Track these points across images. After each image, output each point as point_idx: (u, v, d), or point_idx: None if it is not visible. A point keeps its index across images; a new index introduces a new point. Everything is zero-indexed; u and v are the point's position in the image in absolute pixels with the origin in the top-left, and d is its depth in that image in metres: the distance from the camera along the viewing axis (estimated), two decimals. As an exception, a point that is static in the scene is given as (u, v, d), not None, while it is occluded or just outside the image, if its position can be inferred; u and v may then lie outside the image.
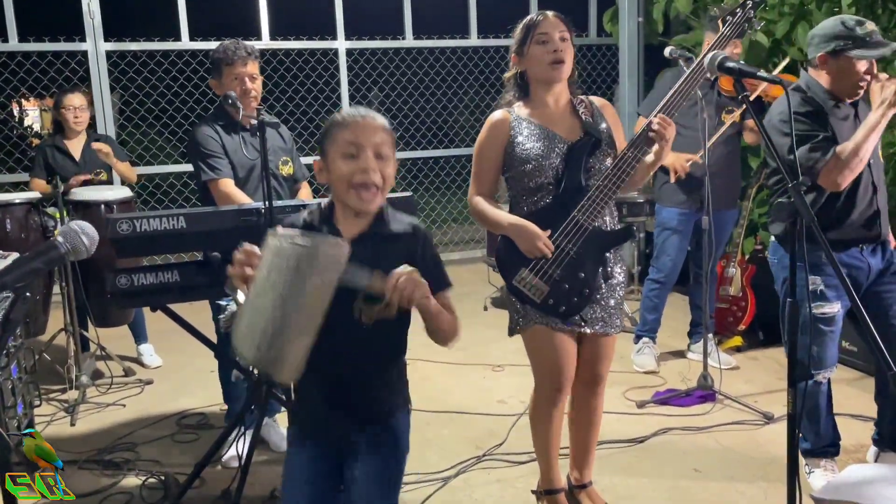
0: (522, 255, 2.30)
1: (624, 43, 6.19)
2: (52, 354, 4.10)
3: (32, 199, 3.82)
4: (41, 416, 3.55)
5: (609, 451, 3.08)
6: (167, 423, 3.54)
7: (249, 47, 3.00)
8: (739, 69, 1.76)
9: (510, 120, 2.35)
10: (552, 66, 2.30)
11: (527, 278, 2.30)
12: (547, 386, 2.43)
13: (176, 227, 2.33)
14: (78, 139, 4.21)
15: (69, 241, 1.24)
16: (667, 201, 3.97)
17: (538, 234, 2.26)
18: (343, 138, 1.58)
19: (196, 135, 2.95)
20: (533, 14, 2.36)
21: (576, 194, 2.30)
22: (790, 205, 1.62)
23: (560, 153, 2.32)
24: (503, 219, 2.34)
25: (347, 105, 6.10)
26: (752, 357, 4.14)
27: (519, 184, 2.37)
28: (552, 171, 2.31)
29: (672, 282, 4.07)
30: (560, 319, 2.35)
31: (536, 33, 2.30)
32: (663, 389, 3.69)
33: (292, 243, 1.36)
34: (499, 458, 3.04)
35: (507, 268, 2.34)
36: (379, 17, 6.43)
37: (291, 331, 1.37)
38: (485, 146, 2.39)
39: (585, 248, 2.30)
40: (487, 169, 2.39)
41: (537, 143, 2.32)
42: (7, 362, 2.61)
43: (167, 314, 2.62)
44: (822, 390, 2.74)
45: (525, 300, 2.33)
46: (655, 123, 2.25)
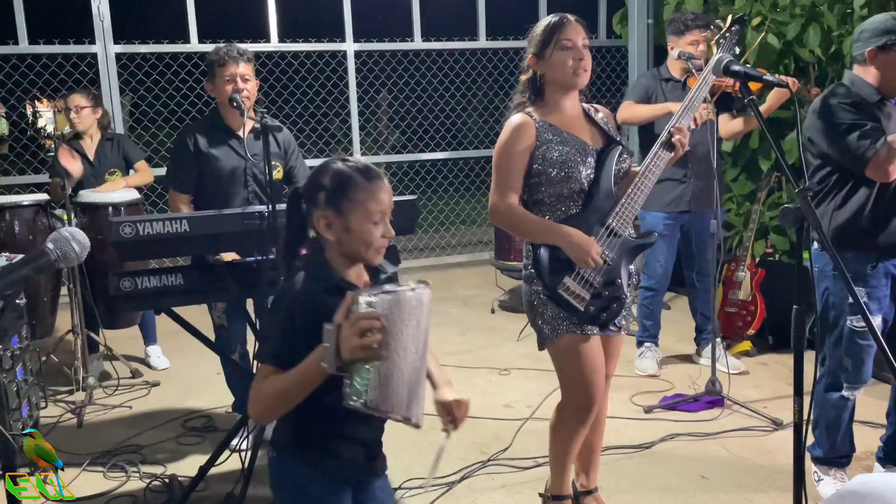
0: (565, 263, 2.25)
1: (633, 45, 6.16)
2: (60, 356, 4.12)
3: (41, 201, 3.84)
4: (48, 416, 3.56)
5: (615, 457, 3.05)
6: (173, 425, 3.54)
7: (241, 49, 3.02)
8: (745, 73, 1.73)
9: (534, 124, 2.30)
10: (576, 74, 2.27)
11: (571, 286, 2.26)
12: (578, 403, 2.36)
13: (179, 231, 2.32)
14: (92, 140, 4.24)
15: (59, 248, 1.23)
16: (651, 206, 3.89)
17: (593, 243, 2.23)
18: (371, 205, 1.58)
19: (176, 140, 3.09)
20: (555, 17, 2.30)
21: (606, 202, 2.29)
22: (796, 210, 1.59)
23: (590, 160, 2.30)
24: (552, 227, 2.26)
25: (356, 107, 6.10)
26: (762, 362, 4.10)
27: (547, 189, 2.30)
28: (585, 178, 2.28)
29: (664, 287, 4.05)
30: (599, 327, 2.33)
31: (561, 38, 2.25)
32: (671, 394, 3.66)
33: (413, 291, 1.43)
34: (504, 464, 3.02)
35: (550, 276, 2.27)
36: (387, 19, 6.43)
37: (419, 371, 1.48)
38: (510, 150, 2.30)
39: (619, 255, 2.31)
40: (514, 174, 2.30)
41: (566, 149, 2.28)
42: (12, 364, 2.61)
43: (171, 317, 2.62)
44: (848, 405, 2.69)
45: (569, 308, 2.28)
46: (676, 132, 2.28)
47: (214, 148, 3.01)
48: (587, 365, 2.31)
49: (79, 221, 3.73)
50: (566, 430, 2.43)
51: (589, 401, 2.34)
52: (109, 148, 4.25)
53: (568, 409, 2.40)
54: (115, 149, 4.26)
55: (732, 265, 4.29)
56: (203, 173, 3.05)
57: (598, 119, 2.39)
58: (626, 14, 6.15)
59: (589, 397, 2.33)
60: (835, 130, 2.48)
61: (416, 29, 6.20)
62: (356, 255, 1.61)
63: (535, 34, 2.33)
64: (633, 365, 4.03)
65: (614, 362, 2.51)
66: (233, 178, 3.04)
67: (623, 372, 3.96)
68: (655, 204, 3.88)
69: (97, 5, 5.28)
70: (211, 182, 3.05)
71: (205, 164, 3.02)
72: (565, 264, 2.25)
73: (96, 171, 4.15)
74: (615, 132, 2.41)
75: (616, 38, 6.51)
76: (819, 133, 2.55)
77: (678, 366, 4.12)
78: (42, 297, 3.83)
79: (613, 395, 3.65)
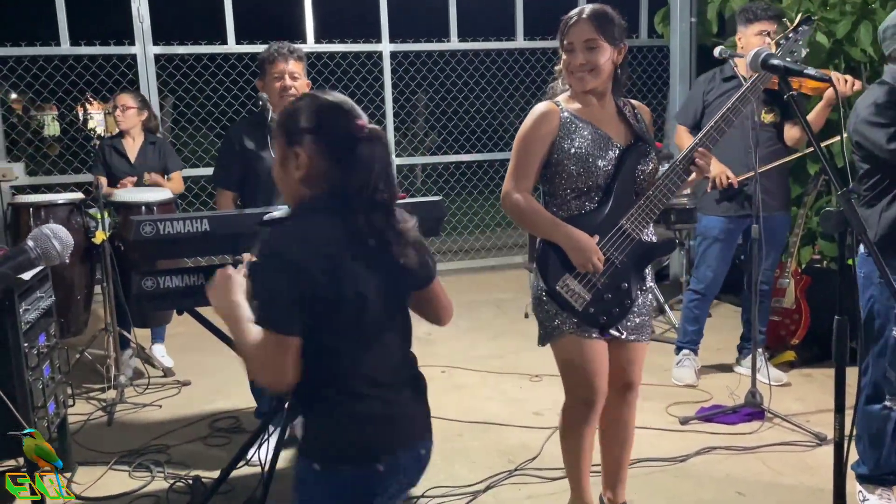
0: (567, 260, 2.19)
1: (675, 44, 6.01)
2: (94, 353, 4.16)
3: (75, 200, 3.87)
4: (80, 414, 3.59)
5: (648, 470, 2.94)
6: (200, 425, 3.53)
7: (292, 47, 3.03)
8: (785, 67, 1.62)
9: (559, 114, 2.23)
10: (577, 78, 2.20)
11: (570, 284, 2.20)
12: (578, 400, 2.31)
13: (199, 230, 2.29)
14: (135, 141, 4.30)
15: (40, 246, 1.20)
16: (709, 209, 3.79)
17: (595, 248, 2.16)
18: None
19: (224, 139, 3.11)
20: (569, 15, 2.22)
21: (624, 202, 2.21)
22: (839, 213, 1.47)
23: (612, 157, 2.21)
24: (557, 226, 2.20)
25: (391, 108, 6.06)
26: (806, 374, 3.93)
27: (564, 182, 2.24)
28: (603, 175, 2.20)
29: (713, 293, 3.89)
30: (598, 330, 2.24)
31: (564, 41, 2.20)
32: (708, 405, 3.52)
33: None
34: (531, 474, 2.93)
35: (549, 272, 2.22)
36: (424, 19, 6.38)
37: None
38: (530, 138, 2.23)
39: (630, 258, 2.22)
40: (531, 163, 2.24)
41: (589, 144, 2.21)
42: (38, 363, 2.62)
43: (194, 317, 2.60)
44: (892, 416, 2.54)
45: (565, 306, 2.22)
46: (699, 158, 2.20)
47: (259, 146, 3.03)
48: (588, 363, 2.24)
49: (112, 220, 3.76)
50: (573, 429, 2.36)
51: (590, 398, 2.27)
52: (151, 151, 4.31)
53: (571, 409, 2.34)
54: (156, 153, 4.33)
55: (776, 272, 4.12)
56: (248, 171, 3.08)
57: (631, 116, 2.30)
58: (668, 13, 6.01)
59: (589, 393, 2.26)
60: (873, 130, 2.37)
61: (452, 29, 6.15)
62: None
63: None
64: (669, 375, 3.90)
65: (636, 369, 2.40)
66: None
67: (659, 381, 3.84)
68: (712, 207, 3.75)
69: (137, 7, 5.34)
70: (255, 180, 3.07)
71: (249, 162, 3.06)
72: (569, 262, 2.18)
73: (136, 172, 4.20)
74: (647, 131, 2.31)
75: (658, 38, 6.36)
76: (860, 135, 2.43)
77: (717, 375, 3.96)
78: (76, 294, 3.87)
79: (647, 405, 3.55)
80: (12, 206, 3.86)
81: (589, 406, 2.29)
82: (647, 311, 2.35)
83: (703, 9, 5.77)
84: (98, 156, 4.27)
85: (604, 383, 2.29)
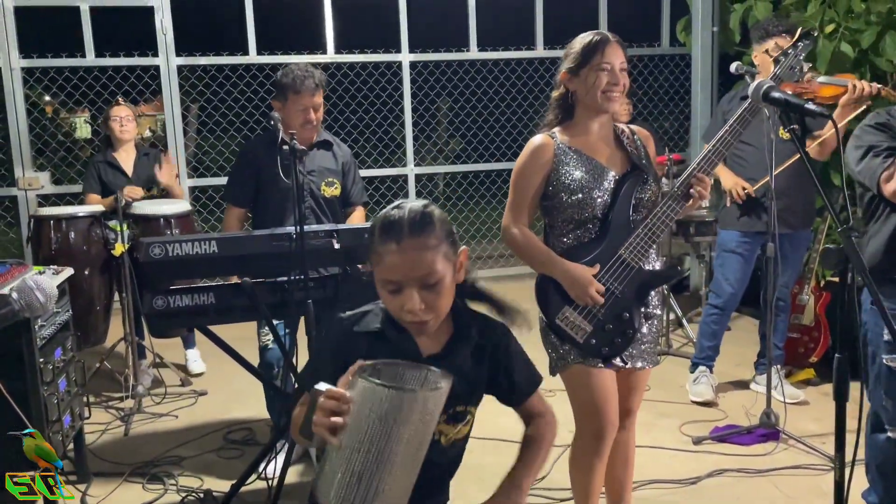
0: (566, 292, 2.18)
1: (697, 53, 5.95)
2: (112, 362, 4.23)
3: (95, 213, 3.94)
4: (98, 423, 3.65)
5: (657, 492, 2.91)
6: (215, 436, 3.57)
7: (318, 77, 3.02)
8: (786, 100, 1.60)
9: (553, 146, 2.23)
10: (608, 98, 2.18)
11: (570, 317, 2.19)
12: (588, 432, 2.28)
13: (208, 252, 2.33)
14: (127, 153, 4.33)
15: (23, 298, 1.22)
16: (728, 224, 3.74)
17: (592, 281, 2.15)
18: (382, 270, 1.36)
19: (237, 156, 3.14)
20: (596, 35, 2.21)
21: (622, 231, 2.20)
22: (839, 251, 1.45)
23: (608, 186, 2.20)
24: (553, 260, 2.19)
25: (410, 117, 6.08)
26: (825, 392, 3.86)
27: (561, 214, 2.24)
28: (600, 205, 2.19)
29: (731, 308, 3.84)
30: (601, 360, 2.23)
31: (601, 60, 2.17)
32: (723, 425, 3.47)
33: (386, 388, 1.18)
34: (540, 494, 2.91)
35: (549, 305, 2.21)
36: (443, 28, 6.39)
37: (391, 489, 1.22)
38: (526, 172, 2.25)
39: (630, 287, 2.20)
40: (527, 196, 2.25)
41: (584, 174, 2.20)
42: (53, 377, 2.67)
43: (204, 334, 2.64)
44: None
45: (566, 339, 2.21)
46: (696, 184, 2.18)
47: (271, 165, 3.01)
48: (596, 395, 2.22)
49: (131, 232, 3.81)
50: (583, 461, 2.34)
51: (600, 431, 2.24)
52: (146, 163, 4.32)
53: (581, 440, 2.32)
54: (151, 163, 4.31)
55: (795, 288, 4.05)
56: (261, 188, 3.11)
57: (629, 143, 2.28)
58: (690, 21, 5.95)
59: (600, 428, 2.24)
60: (852, 151, 2.39)
61: (472, 38, 6.15)
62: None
63: (573, 50, 2.24)
64: (686, 390, 3.85)
65: (638, 396, 2.39)
66: (289, 193, 3.04)
67: (674, 398, 3.80)
68: (731, 221, 3.71)
69: (160, 19, 5.43)
70: (268, 196, 3.10)
71: (263, 179, 3.08)
72: (567, 294, 2.17)
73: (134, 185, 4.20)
74: (648, 156, 2.29)
75: (679, 46, 6.29)
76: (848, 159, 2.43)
77: (734, 393, 3.91)
78: (96, 305, 3.93)
79: (662, 423, 3.52)
80: (34, 219, 3.93)
81: (600, 439, 2.26)
82: (652, 338, 2.32)
83: (725, 18, 5.71)
84: (90, 173, 4.27)
85: (614, 414, 2.26)
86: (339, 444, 1.19)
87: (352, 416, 1.19)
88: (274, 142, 3.06)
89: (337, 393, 1.20)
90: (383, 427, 1.18)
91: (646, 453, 3.13)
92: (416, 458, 1.25)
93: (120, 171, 4.28)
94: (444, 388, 1.24)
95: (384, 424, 1.18)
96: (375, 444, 1.18)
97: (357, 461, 1.19)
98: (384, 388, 1.18)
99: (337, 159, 3.20)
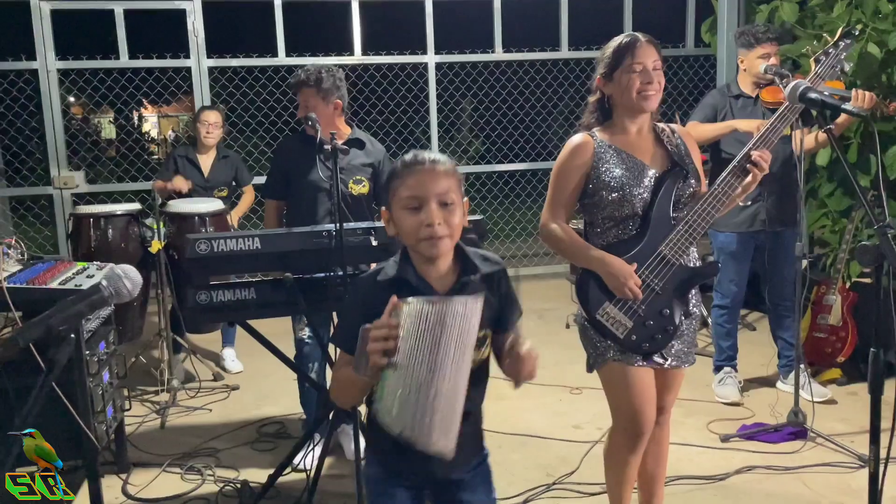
0: (606, 287, 2.22)
1: (723, 54, 5.94)
2: (148, 357, 4.33)
3: (133, 211, 4.04)
4: (135, 416, 3.74)
5: (686, 488, 2.95)
6: (249, 430, 3.65)
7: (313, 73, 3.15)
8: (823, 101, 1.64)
9: (593, 144, 2.27)
10: (644, 97, 2.21)
11: (610, 312, 2.22)
12: (625, 430, 2.32)
13: (251, 248, 2.41)
14: (208, 154, 4.51)
15: (112, 285, 1.30)
16: (723, 225, 3.75)
17: (631, 274, 2.18)
18: (402, 191, 1.52)
19: (274, 150, 3.23)
20: (626, 37, 2.25)
21: (662, 227, 2.23)
22: (875, 248, 1.49)
23: (648, 183, 2.24)
24: (592, 253, 2.23)
25: (435, 118, 6.15)
26: (852, 392, 3.87)
27: (601, 212, 2.28)
28: (640, 202, 2.23)
29: (738, 304, 3.89)
30: (641, 357, 2.27)
31: (632, 62, 2.20)
32: (750, 423, 3.50)
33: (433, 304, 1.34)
34: (569, 488, 2.96)
35: (590, 300, 2.24)
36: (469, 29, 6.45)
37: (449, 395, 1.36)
38: (565, 170, 2.29)
39: (671, 284, 2.24)
40: (566, 194, 2.29)
41: (624, 172, 2.24)
42: (98, 369, 2.76)
43: (245, 329, 2.71)
44: None
45: (607, 335, 2.25)
46: (756, 157, 2.19)
47: (304, 161, 3.11)
48: (634, 393, 2.25)
49: (167, 230, 3.91)
50: (618, 456, 2.38)
51: (637, 428, 2.28)
52: (223, 165, 4.51)
53: (617, 435, 2.36)
54: (227, 167, 4.52)
55: (822, 288, 4.07)
56: (293, 184, 3.21)
57: (669, 141, 2.32)
58: (715, 22, 5.95)
59: (637, 425, 2.28)
60: None
61: (497, 40, 6.20)
62: (414, 250, 1.56)
63: (605, 55, 2.28)
64: (711, 390, 3.88)
65: (673, 394, 2.42)
66: (319, 189, 3.13)
67: (701, 397, 3.82)
68: (727, 224, 3.74)
69: (192, 22, 5.53)
70: (300, 192, 3.19)
71: (295, 175, 3.18)
72: (607, 289, 2.21)
73: (207, 186, 4.38)
74: (687, 156, 2.32)
75: (705, 47, 6.30)
76: None
77: (761, 392, 3.93)
78: (133, 301, 4.02)
79: (689, 421, 3.56)
80: (74, 216, 4.04)
81: (636, 436, 2.30)
82: (691, 338, 2.35)
83: (750, 18, 5.70)
84: (169, 164, 4.45)
85: (651, 411, 2.30)
86: (395, 365, 1.35)
87: (402, 338, 1.35)
88: (307, 139, 3.14)
89: (384, 321, 1.36)
90: (431, 337, 1.34)
91: (674, 450, 3.13)
92: (464, 359, 1.38)
93: (198, 170, 4.43)
94: (476, 297, 1.38)
95: (432, 334, 1.34)
96: (426, 354, 1.34)
97: (413, 374, 1.35)
98: (427, 304, 1.35)
99: (369, 157, 3.26)
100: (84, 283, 2.62)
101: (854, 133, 4.30)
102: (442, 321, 1.34)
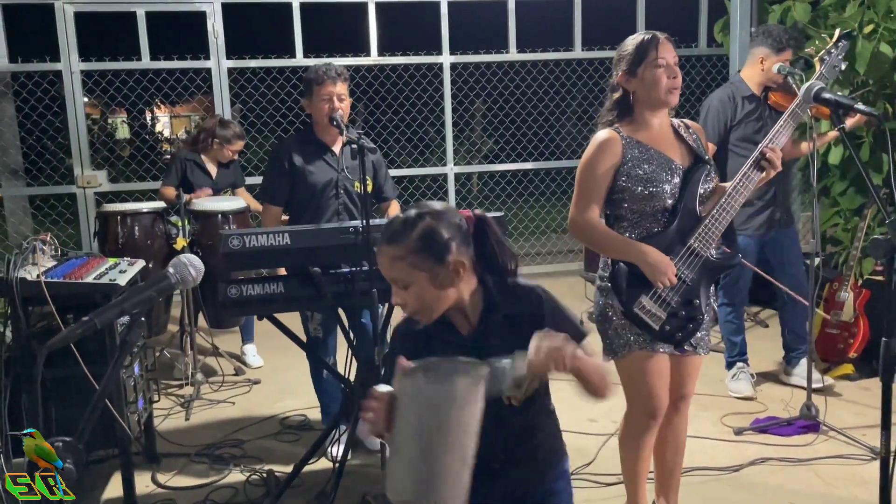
0: (642, 281, 2.28)
1: (735, 54, 5.98)
2: (172, 352, 4.43)
3: (158, 209, 4.14)
4: (160, 409, 3.84)
5: (701, 479, 3.02)
6: (272, 422, 3.74)
7: (339, 69, 3.15)
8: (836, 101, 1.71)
9: (620, 140, 2.32)
10: (669, 92, 2.28)
11: (647, 305, 2.30)
12: (641, 412, 2.41)
13: (281, 244, 2.49)
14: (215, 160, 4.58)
15: (178, 272, 1.39)
16: (741, 229, 3.78)
17: (670, 264, 2.26)
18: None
19: (271, 156, 3.26)
20: (647, 35, 2.32)
21: (690, 221, 2.31)
22: (887, 241, 1.55)
23: (676, 178, 2.31)
24: (629, 244, 2.30)
25: (450, 118, 6.22)
26: (865, 387, 3.92)
27: (631, 206, 2.33)
28: (669, 196, 2.30)
29: (744, 301, 3.99)
30: (674, 346, 2.35)
31: (656, 56, 2.26)
32: (763, 416, 3.56)
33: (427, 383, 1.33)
34: (586, 479, 3.04)
35: (626, 294, 2.30)
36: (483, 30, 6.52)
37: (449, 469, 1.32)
38: (594, 165, 2.32)
39: (699, 275, 2.32)
40: (596, 190, 2.32)
41: (652, 166, 2.30)
42: (130, 361, 2.85)
43: (272, 322, 2.80)
44: None
45: (643, 327, 2.32)
46: (769, 152, 2.26)
47: (308, 162, 3.16)
48: (653, 378, 2.35)
49: (191, 227, 4.01)
50: (633, 438, 2.47)
51: (652, 409, 2.38)
52: (229, 169, 4.59)
53: (632, 416, 2.45)
54: (232, 171, 4.61)
55: (835, 284, 4.12)
56: (296, 186, 3.19)
57: (688, 136, 2.39)
58: (727, 22, 6.00)
59: (654, 406, 2.38)
60: None
61: (511, 40, 6.27)
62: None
63: (627, 52, 2.33)
64: (725, 385, 3.94)
65: (693, 381, 2.50)
66: (325, 190, 3.20)
67: (714, 391, 3.89)
68: (745, 227, 3.81)
69: (212, 23, 5.63)
70: (304, 193, 3.20)
71: (299, 177, 3.17)
72: (643, 282, 2.28)
73: (216, 189, 4.47)
74: (704, 150, 2.40)
75: (717, 47, 6.35)
76: None
77: (773, 387, 3.99)
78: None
79: (703, 415, 3.62)
80: (101, 214, 4.15)
81: (651, 416, 2.40)
82: (708, 326, 2.44)
83: (763, 18, 5.75)
84: (174, 168, 4.49)
85: (665, 396, 2.40)
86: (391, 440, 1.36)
87: (398, 410, 1.35)
88: (307, 140, 3.21)
89: (380, 394, 1.38)
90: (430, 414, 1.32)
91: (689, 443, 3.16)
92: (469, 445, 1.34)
93: (206, 174, 4.50)
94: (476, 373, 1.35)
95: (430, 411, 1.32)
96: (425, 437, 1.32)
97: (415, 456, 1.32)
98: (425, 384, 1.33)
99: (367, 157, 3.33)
100: (117, 277, 2.70)
101: (866, 132, 4.35)
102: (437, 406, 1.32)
